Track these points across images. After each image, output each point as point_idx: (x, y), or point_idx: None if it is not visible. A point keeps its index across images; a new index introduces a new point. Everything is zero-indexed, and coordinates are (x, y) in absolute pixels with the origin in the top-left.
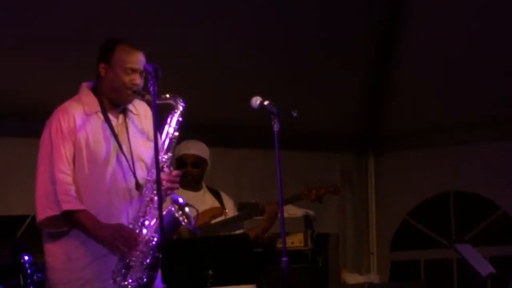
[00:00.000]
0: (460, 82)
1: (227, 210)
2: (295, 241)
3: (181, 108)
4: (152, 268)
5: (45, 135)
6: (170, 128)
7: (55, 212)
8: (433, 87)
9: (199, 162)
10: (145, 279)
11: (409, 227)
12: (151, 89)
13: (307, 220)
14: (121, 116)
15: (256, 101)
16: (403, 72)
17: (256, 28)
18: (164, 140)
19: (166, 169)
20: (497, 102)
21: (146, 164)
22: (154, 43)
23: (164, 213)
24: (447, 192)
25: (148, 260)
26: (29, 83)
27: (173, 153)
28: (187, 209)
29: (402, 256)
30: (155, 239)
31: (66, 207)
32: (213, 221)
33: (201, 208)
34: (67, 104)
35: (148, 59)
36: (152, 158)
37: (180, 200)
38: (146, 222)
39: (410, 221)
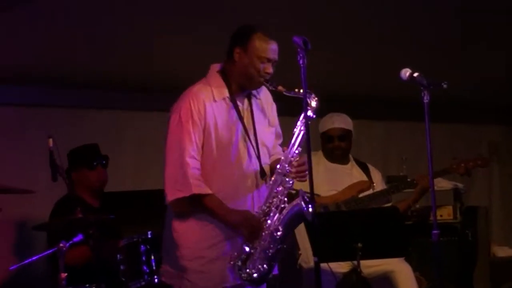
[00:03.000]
0: None
1: (374, 183)
2: (444, 214)
3: (313, 104)
4: (273, 259)
5: (174, 118)
6: (301, 124)
7: (184, 194)
8: None
9: (345, 134)
10: (266, 267)
11: None
12: (301, 62)
13: (456, 193)
14: (246, 100)
15: (405, 73)
16: None
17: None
18: (297, 135)
19: (294, 162)
20: None
21: (268, 150)
22: (302, 14)
23: (293, 204)
24: None
25: (271, 251)
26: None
27: (317, 128)
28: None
29: None
30: (280, 232)
31: (196, 190)
32: (360, 195)
33: (349, 181)
34: (196, 88)
35: (297, 32)
36: (272, 143)
37: (306, 197)
38: (271, 213)
39: None
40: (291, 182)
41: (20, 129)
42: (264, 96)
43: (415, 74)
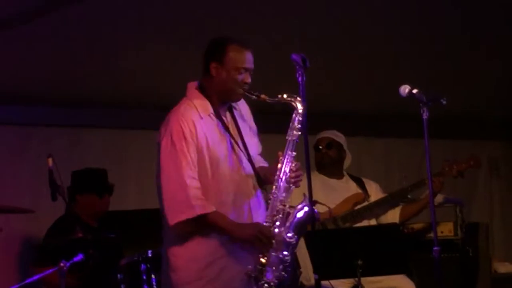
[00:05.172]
0: None
1: (370, 195)
2: (445, 230)
3: (300, 107)
4: (290, 265)
5: (166, 142)
6: (292, 128)
7: (188, 216)
8: None
9: (332, 143)
10: (285, 274)
11: None
12: (300, 79)
13: (457, 210)
14: (228, 113)
15: (404, 89)
16: None
17: (398, 13)
18: (290, 141)
19: (293, 167)
20: None
21: (253, 158)
22: (298, 31)
23: (299, 207)
24: None
25: (287, 258)
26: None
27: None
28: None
29: None
30: (292, 238)
31: (200, 211)
32: (356, 207)
33: (345, 195)
34: (182, 108)
35: (293, 50)
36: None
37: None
38: (277, 221)
39: None
40: (292, 187)
41: (21, 148)
42: (242, 105)
43: (414, 91)
